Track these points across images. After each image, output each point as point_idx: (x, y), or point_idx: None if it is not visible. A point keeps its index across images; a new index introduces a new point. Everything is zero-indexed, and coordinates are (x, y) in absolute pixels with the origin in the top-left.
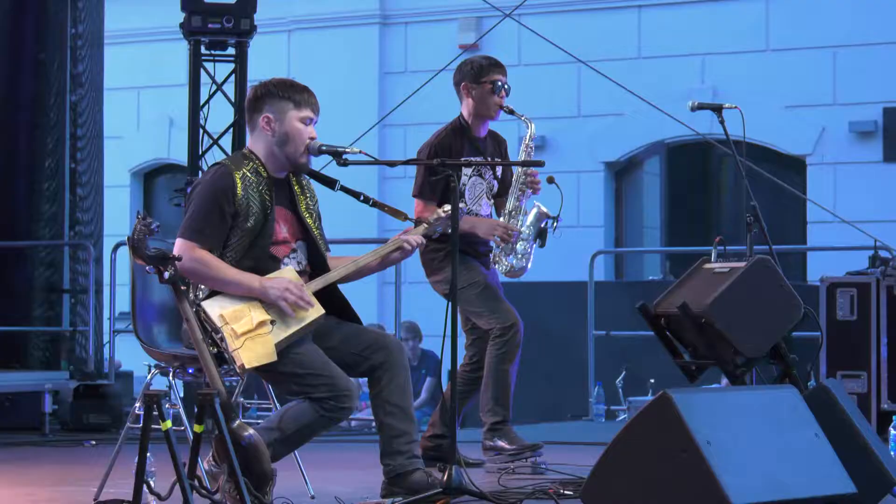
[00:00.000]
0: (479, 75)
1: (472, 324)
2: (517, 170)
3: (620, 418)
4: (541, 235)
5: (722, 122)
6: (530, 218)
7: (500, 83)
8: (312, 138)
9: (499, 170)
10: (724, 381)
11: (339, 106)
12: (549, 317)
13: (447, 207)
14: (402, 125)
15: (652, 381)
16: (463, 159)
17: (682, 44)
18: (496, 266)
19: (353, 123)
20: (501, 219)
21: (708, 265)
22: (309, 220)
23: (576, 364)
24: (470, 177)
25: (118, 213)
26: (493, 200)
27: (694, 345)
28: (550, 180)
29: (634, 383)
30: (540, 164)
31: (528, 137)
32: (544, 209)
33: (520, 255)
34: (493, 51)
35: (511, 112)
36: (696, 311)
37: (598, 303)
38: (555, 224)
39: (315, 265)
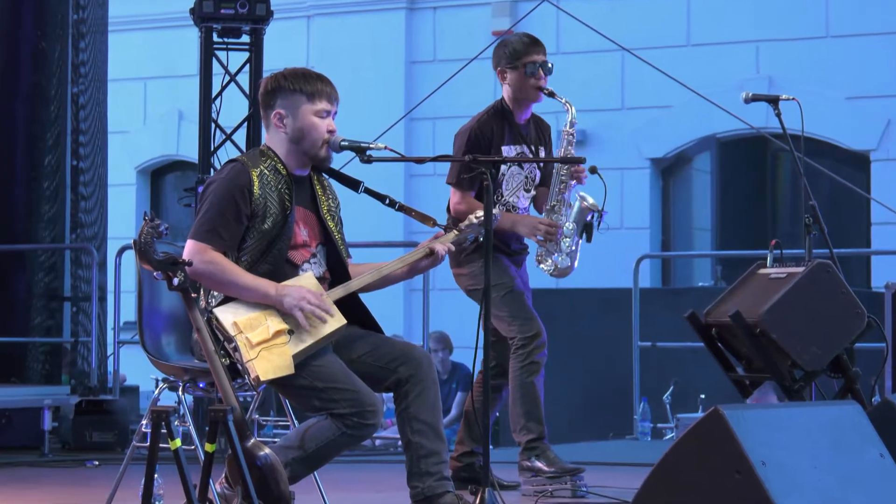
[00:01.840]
0: (516, 57)
1: (493, 326)
2: (557, 166)
3: (668, 437)
4: (586, 230)
5: (778, 115)
6: (574, 212)
7: (537, 63)
8: (332, 132)
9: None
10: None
11: (363, 98)
12: (590, 327)
13: (479, 213)
14: (431, 118)
15: (702, 396)
16: (497, 156)
17: (734, 30)
18: (541, 266)
19: (377, 117)
20: (543, 214)
21: (763, 270)
22: (331, 224)
23: (619, 378)
24: (509, 167)
25: (123, 214)
26: (533, 191)
27: (748, 357)
28: (593, 170)
29: (683, 399)
30: (580, 160)
31: (567, 123)
32: (589, 201)
33: (565, 254)
34: None
35: (551, 95)
36: (750, 321)
37: (644, 311)
38: (600, 218)
39: (335, 272)
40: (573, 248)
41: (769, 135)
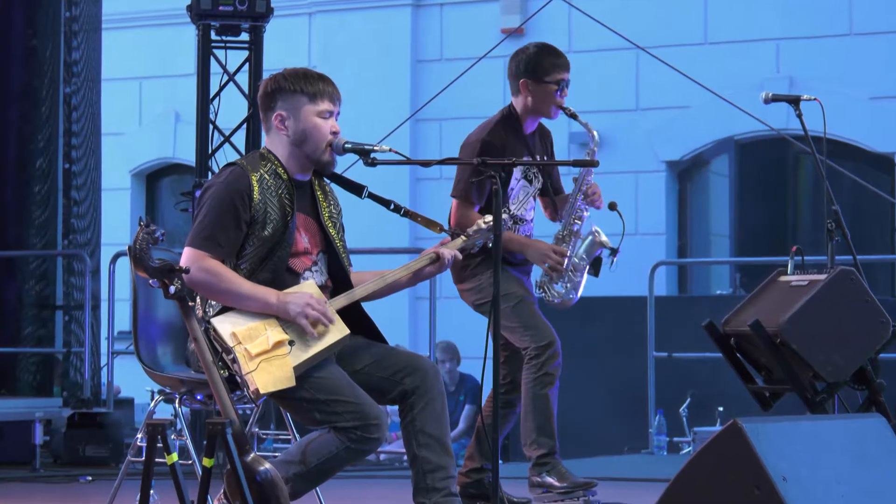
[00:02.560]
0: (542, 73)
1: (505, 341)
2: (574, 188)
3: (685, 451)
4: (594, 265)
5: (799, 116)
6: (585, 244)
7: (564, 82)
8: (335, 133)
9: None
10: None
11: (367, 98)
12: (604, 336)
13: (488, 218)
14: (437, 120)
15: (720, 409)
16: (509, 159)
17: (754, 27)
18: (542, 293)
19: (381, 118)
20: (554, 241)
21: (784, 278)
22: (332, 231)
23: (634, 390)
24: (519, 180)
25: (118, 219)
26: (552, 199)
27: (768, 368)
28: (612, 207)
29: (700, 412)
30: (594, 164)
31: (590, 150)
32: (603, 238)
33: (569, 286)
34: (541, 35)
35: (573, 116)
36: (770, 330)
37: (659, 320)
38: (613, 257)
39: (337, 280)
40: (578, 279)
41: (790, 136)
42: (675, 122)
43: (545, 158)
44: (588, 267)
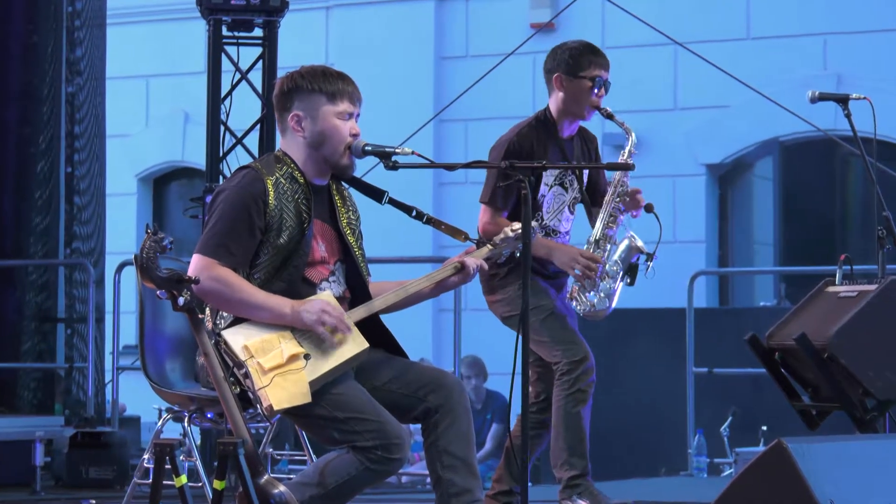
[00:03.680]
0: (577, 68)
1: (536, 356)
2: (609, 190)
3: (726, 473)
4: (630, 272)
5: (848, 116)
6: (620, 251)
7: (600, 80)
8: (355, 135)
9: (585, 175)
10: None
11: (387, 98)
12: (640, 351)
13: (516, 226)
14: (463, 120)
15: (764, 428)
16: (539, 162)
17: (799, 22)
18: (573, 304)
19: (403, 118)
20: (586, 246)
21: (831, 288)
22: (350, 239)
23: (672, 408)
24: (551, 186)
25: (123, 226)
26: (590, 210)
27: (815, 384)
28: (650, 209)
29: (743, 431)
30: (629, 167)
31: (626, 152)
32: (639, 243)
33: (602, 295)
34: (573, 30)
35: (609, 117)
36: (817, 344)
37: (699, 334)
38: (649, 263)
39: (355, 291)
40: (613, 288)
41: (838, 138)
42: (716, 122)
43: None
44: (623, 274)
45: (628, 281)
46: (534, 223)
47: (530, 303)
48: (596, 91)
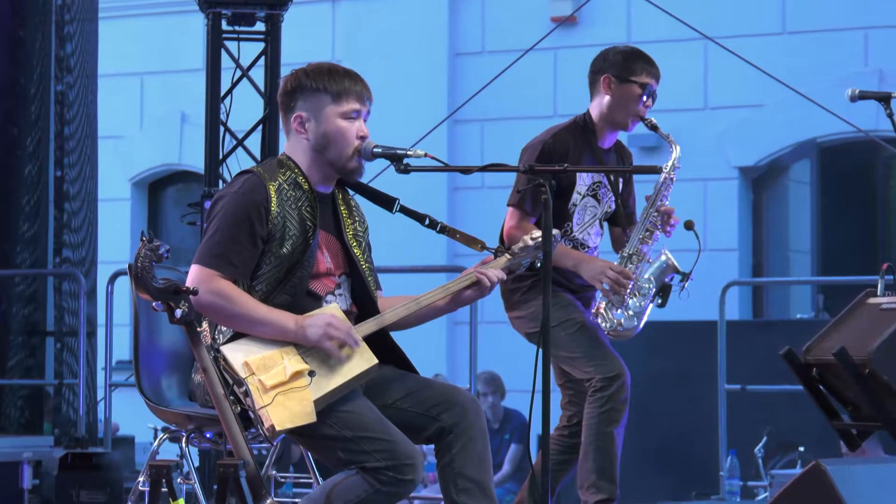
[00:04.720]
0: (629, 72)
1: (569, 376)
2: (647, 205)
3: (761, 497)
4: (662, 292)
5: (890, 116)
6: (654, 268)
7: (650, 88)
8: (363, 136)
9: (620, 186)
10: (874, 448)
11: (399, 96)
12: (668, 366)
13: (536, 234)
14: (479, 120)
15: (801, 449)
16: (560, 165)
17: (838, 15)
18: (599, 321)
19: (415, 118)
20: (618, 260)
21: (873, 300)
22: (356, 251)
23: (703, 427)
24: (583, 196)
25: (116, 233)
26: (625, 231)
27: (855, 402)
28: (689, 226)
29: (778, 452)
30: (656, 170)
31: (670, 165)
32: (673, 261)
33: (631, 313)
34: (596, 25)
35: (654, 128)
36: (857, 359)
37: (732, 348)
38: (683, 283)
39: (362, 306)
40: (643, 307)
41: (879, 139)
42: (749, 122)
43: (622, 182)
44: (655, 293)
45: (659, 302)
46: (556, 231)
47: (558, 317)
48: (644, 100)
